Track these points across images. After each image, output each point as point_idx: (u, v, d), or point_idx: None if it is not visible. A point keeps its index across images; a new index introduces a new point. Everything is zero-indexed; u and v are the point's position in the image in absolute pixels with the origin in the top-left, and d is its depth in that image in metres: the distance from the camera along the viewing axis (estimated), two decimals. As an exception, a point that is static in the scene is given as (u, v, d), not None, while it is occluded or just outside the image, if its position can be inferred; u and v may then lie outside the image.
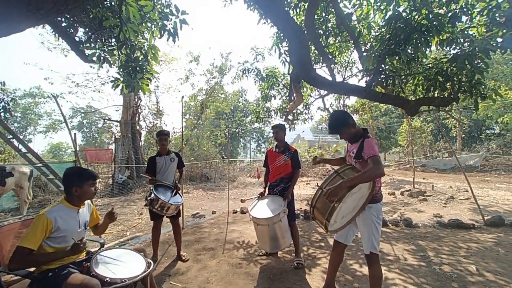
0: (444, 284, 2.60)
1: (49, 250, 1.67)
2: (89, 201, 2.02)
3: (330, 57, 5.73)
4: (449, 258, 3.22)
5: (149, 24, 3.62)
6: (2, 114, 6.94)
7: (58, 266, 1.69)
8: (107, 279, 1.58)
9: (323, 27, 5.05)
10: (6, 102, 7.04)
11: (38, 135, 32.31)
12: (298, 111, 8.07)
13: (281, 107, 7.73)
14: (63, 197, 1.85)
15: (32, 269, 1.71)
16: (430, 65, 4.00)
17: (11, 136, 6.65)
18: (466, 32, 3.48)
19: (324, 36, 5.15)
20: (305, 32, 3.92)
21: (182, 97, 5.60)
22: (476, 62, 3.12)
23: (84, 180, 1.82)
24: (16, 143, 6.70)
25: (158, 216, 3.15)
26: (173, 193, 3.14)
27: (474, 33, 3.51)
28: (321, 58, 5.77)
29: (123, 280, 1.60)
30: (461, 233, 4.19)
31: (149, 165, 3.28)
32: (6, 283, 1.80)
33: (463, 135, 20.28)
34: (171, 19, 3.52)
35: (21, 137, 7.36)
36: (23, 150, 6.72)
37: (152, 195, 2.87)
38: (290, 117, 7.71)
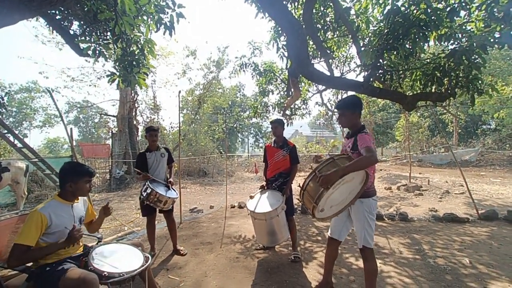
0: (438, 277, 2.66)
1: (45, 245, 1.67)
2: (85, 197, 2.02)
3: (328, 52, 5.69)
4: (443, 251, 3.28)
5: (145, 17, 3.57)
6: (-4, 108, 6.85)
7: (55, 261, 1.70)
8: (105, 273, 1.58)
9: (321, 21, 5.00)
10: (0, 97, 6.94)
11: (34, 130, 32.01)
12: (296, 106, 8.05)
13: (279, 102, 7.71)
14: (56, 193, 1.84)
15: (29, 263, 1.71)
16: (428, 60, 4.00)
17: (6, 131, 6.57)
18: (464, 27, 3.48)
19: (322, 31, 5.11)
20: (303, 26, 3.89)
21: (180, 91, 5.56)
22: (473, 57, 3.12)
23: (80, 176, 1.80)
24: (11, 138, 6.63)
25: (151, 211, 3.16)
26: (168, 189, 3.15)
27: (472, 28, 3.50)
28: (319, 53, 5.74)
29: (121, 274, 1.61)
30: (455, 227, 4.26)
31: (139, 161, 3.23)
32: (3, 277, 1.80)
33: (460, 130, 20.43)
34: (168, 12, 3.46)
35: (16, 132, 7.27)
36: (19, 145, 6.65)
37: (149, 189, 2.87)
38: (287, 112, 7.70)
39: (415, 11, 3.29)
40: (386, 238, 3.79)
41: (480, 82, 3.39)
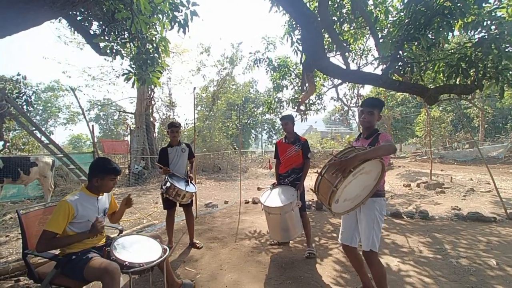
0: (461, 278, 2.54)
1: (72, 234, 1.78)
2: None
3: (345, 44, 5.53)
4: (467, 252, 3.13)
5: (160, 16, 3.63)
6: (24, 107, 7.28)
7: (81, 250, 1.80)
8: (126, 263, 1.66)
9: (337, 13, 4.85)
10: (28, 95, 7.37)
11: (59, 127, 33.82)
12: (311, 102, 7.92)
13: (293, 98, 7.62)
14: (84, 185, 1.94)
15: (57, 252, 1.82)
16: (452, 50, 3.78)
17: (34, 128, 6.98)
18: (493, 14, 3.23)
19: (338, 23, 4.96)
20: (319, 19, 3.79)
21: (194, 88, 5.63)
22: (504, 46, 2.91)
23: (106, 174, 1.88)
24: (38, 134, 7.03)
25: (171, 205, 3.27)
26: (187, 183, 3.22)
27: (503, 14, 3.25)
28: (335, 46, 5.59)
29: (141, 265, 1.68)
30: (481, 227, 4.04)
31: (161, 156, 3.35)
32: (34, 264, 1.93)
33: (486, 125, 19.24)
34: (182, 10, 3.49)
35: (43, 129, 7.71)
36: (45, 141, 7.05)
37: (168, 183, 2.97)
38: (302, 107, 7.60)
39: (438, -1, 3.11)
40: (404, 237, 3.67)
41: (510, 72, 3.16)
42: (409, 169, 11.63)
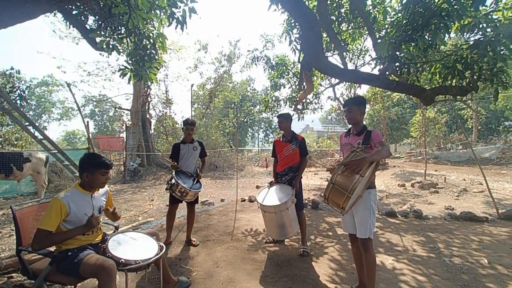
0: (454, 276, 2.58)
1: (66, 230, 1.74)
2: (106, 187, 2.04)
3: (343, 44, 5.55)
4: (460, 251, 3.19)
5: (157, 12, 3.58)
6: (18, 101, 7.16)
7: (76, 247, 1.77)
8: (122, 260, 1.64)
9: (336, 13, 4.86)
10: (21, 90, 7.24)
11: (53, 122, 33.33)
12: (308, 101, 7.94)
13: (291, 96, 7.63)
14: (77, 182, 1.90)
15: (52, 248, 1.79)
16: (448, 52, 3.82)
17: (27, 123, 6.87)
18: (490, 17, 3.27)
19: (336, 23, 4.97)
20: (317, 18, 3.79)
21: (192, 85, 5.61)
22: (499, 48, 2.95)
23: (96, 168, 1.83)
24: (32, 130, 6.92)
25: (176, 201, 3.28)
26: (195, 181, 3.25)
27: (499, 17, 3.29)
28: (333, 46, 5.60)
29: (137, 262, 1.67)
30: (473, 226, 4.11)
31: (174, 151, 3.41)
32: (28, 261, 1.90)
33: (480, 127, 19.52)
34: (180, 7, 3.46)
35: (37, 124, 7.59)
36: (39, 137, 6.95)
37: (173, 180, 2.98)
38: (299, 106, 7.61)
39: (436, 0, 3.13)
40: (399, 236, 3.72)
41: (505, 75, 3.21)
42: (404, 169, 11.76)
